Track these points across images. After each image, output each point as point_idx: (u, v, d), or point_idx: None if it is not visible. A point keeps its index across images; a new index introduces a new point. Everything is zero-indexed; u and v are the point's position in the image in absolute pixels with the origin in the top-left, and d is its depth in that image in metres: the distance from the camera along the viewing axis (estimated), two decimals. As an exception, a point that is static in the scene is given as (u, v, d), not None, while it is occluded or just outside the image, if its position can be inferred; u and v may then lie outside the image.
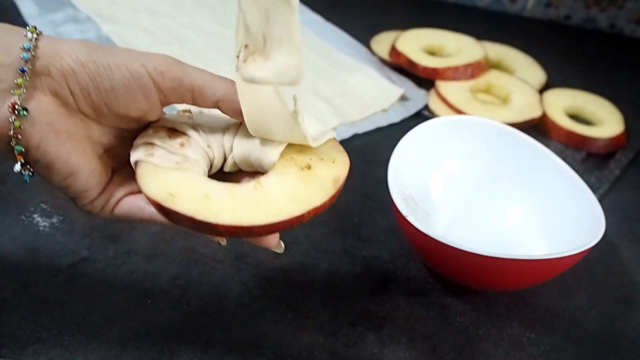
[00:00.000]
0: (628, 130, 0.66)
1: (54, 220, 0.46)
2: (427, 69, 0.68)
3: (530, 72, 0.73)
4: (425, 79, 0.69)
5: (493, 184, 0.51)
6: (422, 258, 0.46)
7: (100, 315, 0.39)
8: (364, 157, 0.58)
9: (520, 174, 0.50)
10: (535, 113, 0.64)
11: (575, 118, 0.67)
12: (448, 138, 0.51)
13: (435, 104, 0.66)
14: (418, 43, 0.72)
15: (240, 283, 0.43)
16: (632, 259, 0.51)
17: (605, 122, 0.66)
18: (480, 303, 0.45)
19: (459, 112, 0.63)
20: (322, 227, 0.49)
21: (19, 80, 0.27)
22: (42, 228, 0.45)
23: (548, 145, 0.58)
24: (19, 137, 0.27)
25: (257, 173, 0.33)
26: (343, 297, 0.43)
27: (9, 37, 0.27)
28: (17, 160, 0.28)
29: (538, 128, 0.65)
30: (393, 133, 0.59)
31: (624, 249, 0.51)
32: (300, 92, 0.64)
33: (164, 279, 0.42)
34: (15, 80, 0.27)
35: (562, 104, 0.67)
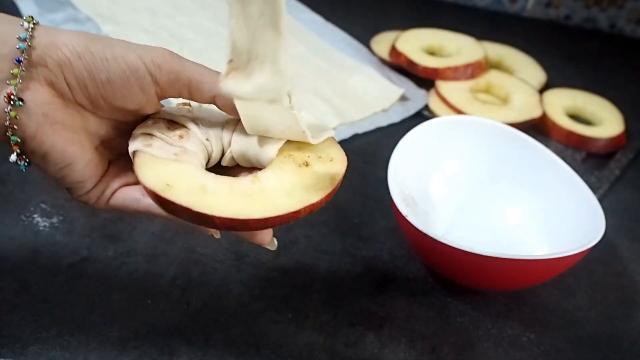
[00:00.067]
0: (628, 130, 0.66)
1: (54, 220, 0.46)
2: (427, 69, 0.68)
3: (530, 72, 0.73)
4: (425, 79, 0.69)
5: (493, 184, 0.51)
6: (422, 258, 0.46)
7: (100, 315, 0.39)
8: (364, 157, 0.58)
9: (520, 174, 0.50)
10: (535, 113, 0.64)
11: (575, 118, 0.67)
12: (448, 138, 0.51)
13: (435, 104, 0.66)
14: (418, 43, 0.72)
15: (240, 283, 0.43)
16: (632, 259, 0.51)
17: (605, 122, 0.66)
18: (480, 303, 0.45)
19: (459, 112, 0.63)
20: (322, 227, 0.49)
21: (15, 71, 0.27)
22: (42, 228, 0.45)
23: (548, 145, 0.58)
24: (15, 127, 0.27)
25: (254, 168, 0.32)
26: (343, 297, 0.43)
27: (5, 26, 0.27)
28: (13, 151, 0.28)
29: (538, 128, 0.65)
30: (393, 133, 0.59)
31: (624, 249, 0.51)
32: (301, 92, 0.64)
33: (164, 279, 0.42)
34: (11, 71, 0.27)
35: (562, 104, 0.67)
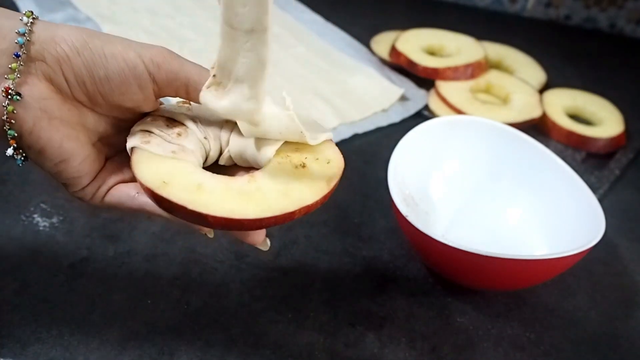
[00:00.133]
0: (628, 130, 0.66)
1: (54, 220, 0.46)
2: (427, 69, 0.68)
3: (530, 72, 0.73)
4: (425, 79, 0.69)
5: (493, 184, 0.51)
6: (422, 258, 0.46)
7: (100, 315, 0.39)
8: (364, 157, 0.58)
9: (520, 174, 0.50)
10: (535, 113, 0.64)
11: (575, 118, 0.67)
12: (448, 138, 0.51)
13: (435, 104, 0.66)
14: (418, 43, 0.72)
15: (240, 283, 0.43)
16: (632, 259, 0.51)
17: (605, 122, 0.66)
18: (480, 303, 0.45)
19: (459, 112, 0.63)
20: (322, 227, 0.49)
21: (13, 65, 0.27)
22: (42, 228, 0.45)
23: (548, 145, 0.58)
24: (12, 121, 0.27)
25: (252, 168, 0.33)
26: (343, 297, 0.43)
27: (5, 21, 0.27)
28: (9, 145, 0.28)
29: (538, 128, 0.65)
30: (393, 133, 0.59)
31: (624, 249, 0.51)
32: (301, 92, 0.64)
33: (164, 279, 0.42)
34: (10, 65, 0.27)
35: (562, 104, 0.67)
